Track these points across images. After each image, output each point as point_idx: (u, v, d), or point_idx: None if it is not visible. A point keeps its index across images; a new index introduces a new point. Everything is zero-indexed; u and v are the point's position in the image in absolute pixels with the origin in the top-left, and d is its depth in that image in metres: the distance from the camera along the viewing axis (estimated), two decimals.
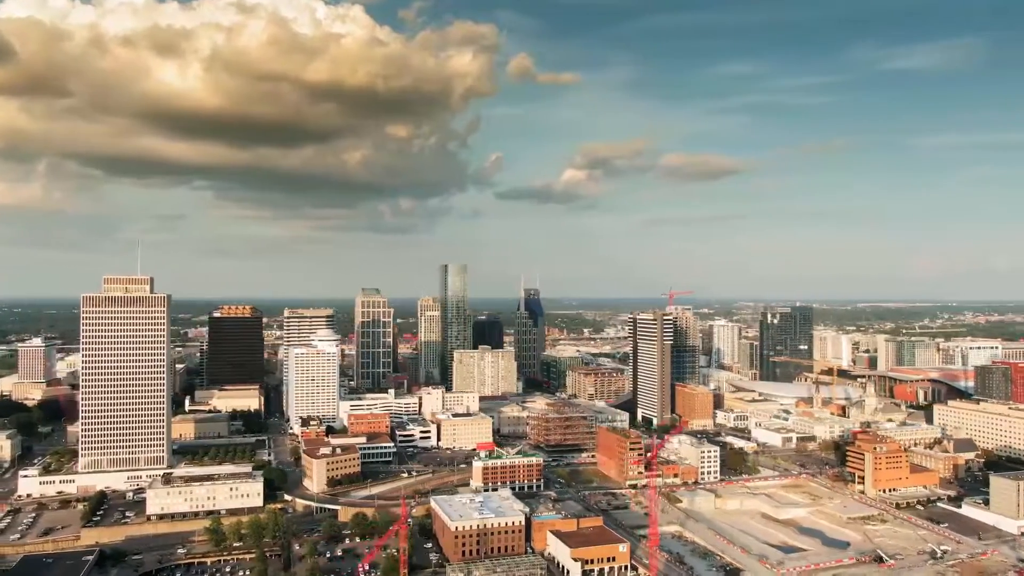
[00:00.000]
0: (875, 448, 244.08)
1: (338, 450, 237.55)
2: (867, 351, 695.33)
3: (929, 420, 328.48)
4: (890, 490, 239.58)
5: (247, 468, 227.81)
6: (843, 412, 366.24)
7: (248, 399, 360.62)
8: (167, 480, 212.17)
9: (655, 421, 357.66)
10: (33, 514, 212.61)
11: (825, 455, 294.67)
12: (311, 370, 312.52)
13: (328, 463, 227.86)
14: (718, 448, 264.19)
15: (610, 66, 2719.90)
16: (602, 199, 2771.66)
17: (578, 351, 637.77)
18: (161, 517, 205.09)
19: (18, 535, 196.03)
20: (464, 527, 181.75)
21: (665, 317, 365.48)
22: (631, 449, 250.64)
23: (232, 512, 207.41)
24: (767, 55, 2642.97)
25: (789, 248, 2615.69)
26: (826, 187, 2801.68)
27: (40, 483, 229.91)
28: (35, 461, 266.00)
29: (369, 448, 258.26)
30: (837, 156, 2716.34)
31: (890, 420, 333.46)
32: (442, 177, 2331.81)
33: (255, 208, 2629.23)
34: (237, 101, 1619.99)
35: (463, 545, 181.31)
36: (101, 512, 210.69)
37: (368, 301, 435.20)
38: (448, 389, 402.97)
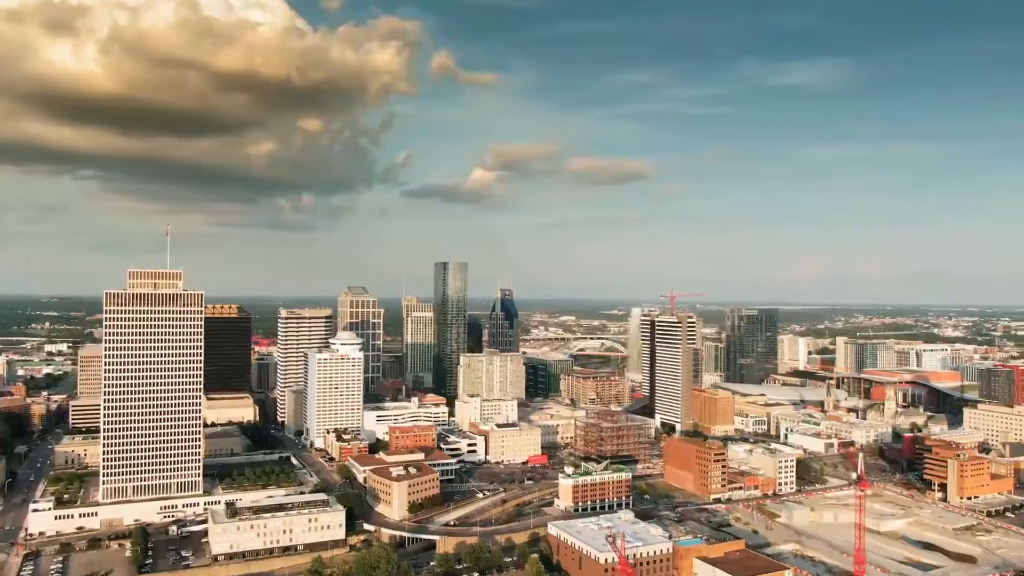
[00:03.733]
0: (958, 455, 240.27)
1: (412, 470, 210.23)
2: (810, 352, 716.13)
3: (954, 423, 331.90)
4: (972, 497, 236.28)
5: (320, 495, 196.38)
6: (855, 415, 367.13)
7: (242, 409, 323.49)
8: (234, 512, 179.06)
9: (678, 427, 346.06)
10: (60, 558, 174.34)
11: (873, 460, 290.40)
12: (334, 377, 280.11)
13: (410, 486, 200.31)
14: (794, 458, 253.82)
15: (517, 70, 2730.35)
16: (510, 200, 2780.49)
17: (525, 352, 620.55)
18: (231, 557, 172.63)
19: None
20: (615, 559, 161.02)
21: (690, 320, 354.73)
22: (716, 461, 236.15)
23: (311, 547, 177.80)
24: (660, 66, 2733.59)
25: (686, 251, 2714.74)
26: (718, 193, 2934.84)
27: (56, 518, 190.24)
28: (27, 489, 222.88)
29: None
30: (730, 164, 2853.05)
31: (913, 423, 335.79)
32: (350, 174, 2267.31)
33: (144, 201, 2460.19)
34: (136, 87, 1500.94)
35: None
36: (150, 553, 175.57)
37: (356, 301, 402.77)
38: (448, 395, 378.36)
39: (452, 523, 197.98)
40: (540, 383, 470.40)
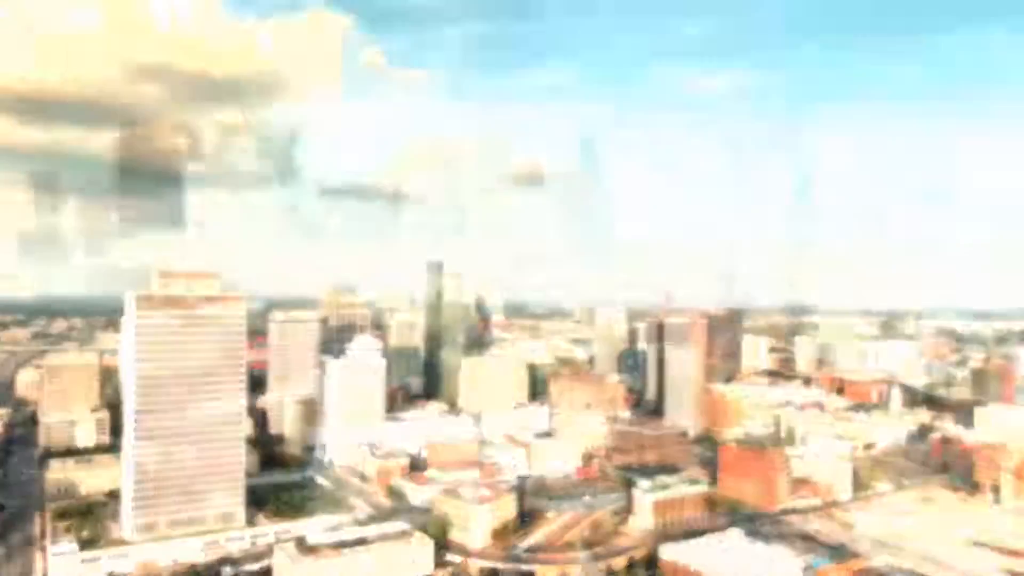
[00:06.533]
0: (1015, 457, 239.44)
1: (484, 491, 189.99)
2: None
3: (962, 422, 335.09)
4: None
5: (399, 524, 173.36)
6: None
7: None
8: (309, 548, 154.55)
9: (690, 431, 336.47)
10: None
11: (900, 462, 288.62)
12: (356, 387, 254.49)
13: (491, 510, 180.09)
14: (849, 463, 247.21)
15: (442, 68, 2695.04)
16: (428, 198, 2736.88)
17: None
18: None
19: None
20: None
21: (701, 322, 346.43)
22: (781, 469, 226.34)
23: None
24: (573, 68, 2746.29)
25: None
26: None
27: (82, 562, 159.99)
28: (24, 526, 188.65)
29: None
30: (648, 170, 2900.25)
31: (922, 423, 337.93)
32: (265, 170, 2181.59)
33: (39, 195, 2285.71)
34: (35, 73, 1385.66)
35: None
36: None
37: (344, 302, 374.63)
38: (448, 403, 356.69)
39: (534, 547, 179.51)
40: None
